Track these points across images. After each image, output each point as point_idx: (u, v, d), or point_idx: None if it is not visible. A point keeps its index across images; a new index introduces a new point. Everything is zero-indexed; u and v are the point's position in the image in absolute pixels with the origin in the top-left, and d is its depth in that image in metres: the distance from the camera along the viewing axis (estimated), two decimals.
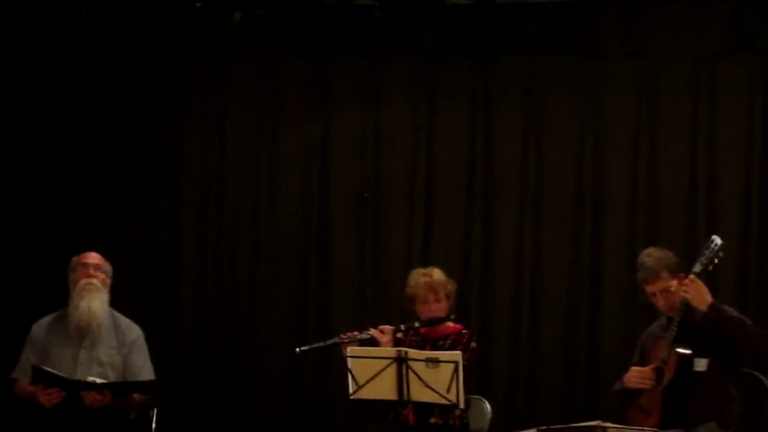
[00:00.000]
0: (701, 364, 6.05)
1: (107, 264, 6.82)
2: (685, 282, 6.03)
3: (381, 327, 6.55)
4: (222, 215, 8.15)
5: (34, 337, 6.77)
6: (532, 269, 7.71)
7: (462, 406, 6.16)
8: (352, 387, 6.17)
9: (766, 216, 7.43)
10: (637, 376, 6.17)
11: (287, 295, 8.03)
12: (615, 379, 6.39)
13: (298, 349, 6.65)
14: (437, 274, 6.62)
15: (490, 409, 6.71)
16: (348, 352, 6.25)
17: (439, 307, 6.55)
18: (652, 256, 6.26)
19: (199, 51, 8.13)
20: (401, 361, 6.08)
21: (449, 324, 6.61)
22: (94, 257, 6.81)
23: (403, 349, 6.15)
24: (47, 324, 6.80)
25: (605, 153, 7.68)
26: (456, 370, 6.01)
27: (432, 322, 6.57)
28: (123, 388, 6.60)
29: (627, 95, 7.67)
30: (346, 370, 6.20)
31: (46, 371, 6.46)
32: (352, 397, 6.20)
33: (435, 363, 6.05)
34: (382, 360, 6.13)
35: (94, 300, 6.65)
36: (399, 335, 6.56)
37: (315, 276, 7.99)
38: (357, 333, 6.52)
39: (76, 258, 6.81)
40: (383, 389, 6.15)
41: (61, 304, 6.81)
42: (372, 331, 6.52)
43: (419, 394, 6.11)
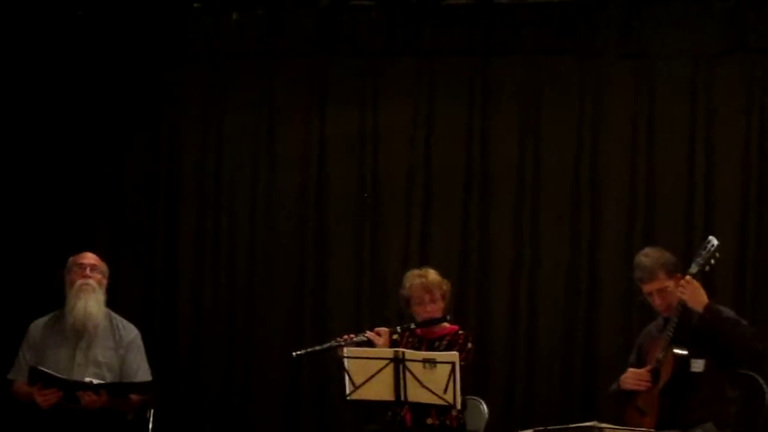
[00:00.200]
0: (698, 365, 6.04)
1: (103, 264, 6.81)
2: (681, 283, 6.02)
3: (377, 329, 6.54)
4: (220, 215, 8.14)
5: (31, 338, 6.75)
6: (529, 269, 7.69)
7: (459, 406, 6.14)
8: (348, 388, 6.16)
9: (763, 216, 7.43)
10: (634, 377, 6.15)
11: (285, 295, 8.03)
12: (612, 380, 6.38)
13: (294, 354, 6.62)
14: (432, 274, 6.60)
15: (487, 410, 6.71)
16: (345, 352, 6.22)
17: (435, 308, 6.54)
18: (649, 255, 6.25)
19: (197, 51, 8.13)
20: (398, 362, 6.07)
21: (445, 325, 6.59)
22: (90, 257, 6.80)
23: (400, 350, 6.13)
24: (44, 324, 6.78)
25: (603, 153, 7.67)
26: (453, 370, 5.99)
27: (428, 323, 6.55)
28: (120, 388, 6.58)
29: (625, 95, 7.65)
30: (343, 371, 6.19)
31: (43, 372, 6.45)
32: (348, 398, 6.19)
33: (432, 364, 6.03)
34: (379, 361, 6.11)
35: (90, 301, 6.64)
36: (395, 337, 6.55)
37: (312, 275, 7.98)
38: (353, 336, 6.50)
39: (72, 258, 6.80)
40: (380, 390, 6.13)
41: (59, 304, 6.80)
42: (368, 334, 6.50)
43: (416, 394, 6.09)
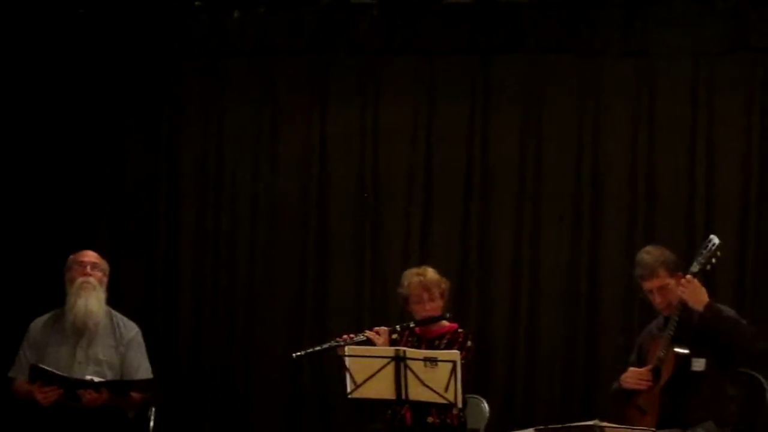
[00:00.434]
0: (699, 363, 6.03)
1: (104, 262, 6.81)
2: (682, 282, 6.01)
3: (376, 328, 6.54)
4: (220, 214, 8.13)
5: (31, 336, 6.75)
6: (530, 268, 7.70)
7: (460, 405, 6.12)
8: (350, 386, 6.14)
9: (764, 215, 7.42)
10: (634, 376, 6.14)
11: (285, 294, 8.02)
12: (612, 379, 6.37)
13: (294, 355, 6.60)
14: (431, 273, 6.60)
15: (487, 409, 6.71)
16: (346, 351, 6.21)
17: (434, 306, 6.53)
18: (650, 253, 6.25)
19: (198, 49, 8.12)
20: (399, 360, 6.05)
21: (444, 323, 6.59)
22: (90, 255, 6.80)
23: (402, 349, 6.12)
24: (45, 323, 6.78)
25: (603, 152, 7.67)
26: (454, 369, 5.98)
27: (427, 321, 6.55)
28: (121, 386, 6.58)
29: (626, 94, 7.66)
30: (344, 370, 6.17)
31: (43, 369, 6.44)
32: (350, 397, 6.17)
33: (433, 362, 6.02)
34: (380, 359, 6.10)
35: (90, 299, 6.63)
36: (394, 336, 6.54)
37: (313, 275, 7.98)
38: (353, 335, 6.49)
39: (72, 256, 6.79)
40: (381, 388, 6.12)
41: (60, 302, 6.80)
42: (368, 333, 6.49)
43: (417, 393, 6.08)
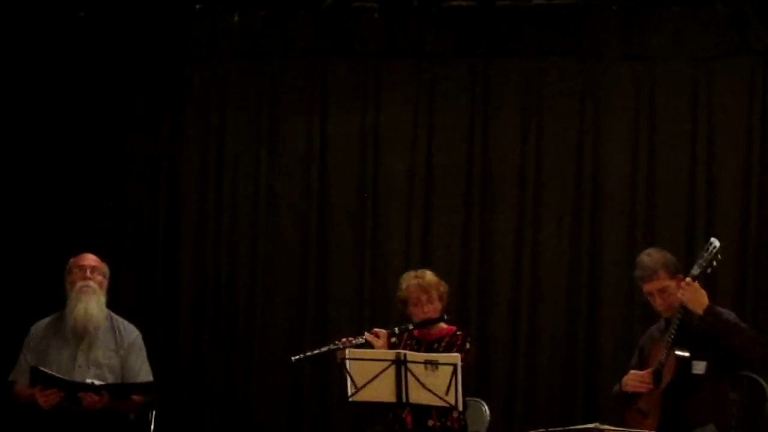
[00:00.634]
0: (700, 366, 6.02)
1: (104, 265, 6.79)
2: (682, 284, 6.00)
3: (375, 330, 6.53)
4: (221, 216, 8.13)
5: (32, 340, 6.73)
6: (530, 271, 7.69)
7: (460, 408, 6.13)
8: (350, 389, 6.14)
9: (764, 218, 7.42)
10: (636, 379, 6.13)
11: (286, 295, 8.02)
12: (613, 382, 6.37)
13: (293, 358, 6.59)
14: (429, 275, 6.60)
15: (488, 412, 6.71)
16: (347, 354, 6.21)
17: (432, 309, 6.53)
18: (651, 255, 6.24)
19: (199, 52, 8.12)
20: (400, 363, 6.05)
21: (443, 326, 6.58)
22: (90, 259, 6.78)
23: (402, 352, 6.11)
24: (45, 326, 6.76)
25: (604, 155, 7.67)
26: (454, 372, 5.97)
27: (425, 323, 6.54)
28: (121, 389, 6.57)
29: (626, 97, 7.66)
30: (344, 372, 6.17)
31: (44, 372, 6.43)
32: (350, 400, 6.17)
33: (434, 365, 6.01)
34: (381, 362, 6.10)
35: (90, 302, 6.62)
36: (393, 340, 6.54)
37: (314, 276, 7.98)
38: (352, 338, 6.47)
39: (72, 260, 6.78)
40: (382, 391, 6.12)
41: (60, 305, 6.79)
42: (366, 336, 6.49)
43: (418, 396, 6.08)
